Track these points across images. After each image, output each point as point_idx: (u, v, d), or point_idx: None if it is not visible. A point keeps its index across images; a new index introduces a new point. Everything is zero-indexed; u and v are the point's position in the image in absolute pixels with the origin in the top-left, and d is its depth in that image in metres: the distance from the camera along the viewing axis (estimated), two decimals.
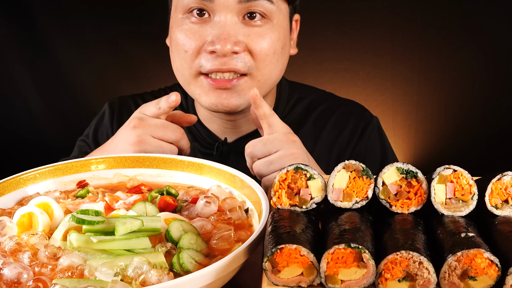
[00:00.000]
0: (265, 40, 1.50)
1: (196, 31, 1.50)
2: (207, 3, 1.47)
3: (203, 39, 1.49)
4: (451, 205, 0.98)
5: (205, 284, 0.88)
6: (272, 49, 1.51)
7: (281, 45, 1.54)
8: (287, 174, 1.02)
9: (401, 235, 0.90)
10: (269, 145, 1.31)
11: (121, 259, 0.93)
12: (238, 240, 1.05)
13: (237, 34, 1.47)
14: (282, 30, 1.55)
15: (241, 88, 1.52)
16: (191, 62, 1.51)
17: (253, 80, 1.52)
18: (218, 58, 1.47)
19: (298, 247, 0.88)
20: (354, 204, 1.00)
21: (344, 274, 0.88)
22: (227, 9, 1.46)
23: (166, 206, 1.15)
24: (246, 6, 1.47)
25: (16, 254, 0.99)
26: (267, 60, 1.52)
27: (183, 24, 1.52)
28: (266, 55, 1.51)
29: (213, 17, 1.49)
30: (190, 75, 1.54)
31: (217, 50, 1.46)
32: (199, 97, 1.56)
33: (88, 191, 1.25)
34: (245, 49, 1.48)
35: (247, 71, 1.50)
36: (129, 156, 1.37)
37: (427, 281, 0.86)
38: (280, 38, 1.53)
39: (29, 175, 1.28)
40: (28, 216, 1.10)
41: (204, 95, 1.54)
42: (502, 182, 0.98)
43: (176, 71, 1.59)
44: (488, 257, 0.85)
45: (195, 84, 1.55)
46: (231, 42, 1.45)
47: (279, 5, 1.52)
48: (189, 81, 1.55)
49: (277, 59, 1.54)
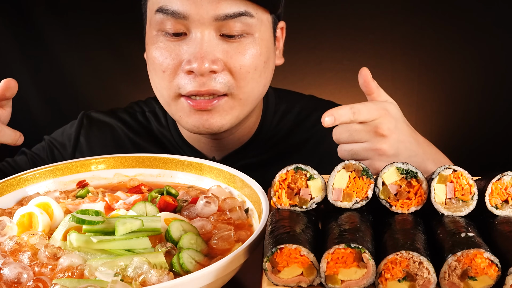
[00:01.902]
0: (245, 57, 1.39)
1: (172, 49, 1.40)
2: (181, 20, 1.36)
3: (179, 58, 1.39)
4: (451, 205, 0.98)
5: (205, 284, 0.88)
6: (253, 65, 1.41)
7: (264, 59, 1.44)
8: (287, 174, 1.02)
9: (401, 235, 0.90)
10: (355, 135, 1.22)
11: (121, 259, 0.93)
12: (238, 240, 1.05)
13: (214, 51, 1.37)
14: (265, 43, 1.44)
15: (222, 108, 1.43)
16: (169, 82, 1.42)
17: (234, 99, 1.43)
18: (196, 78, 1.37)
19: (298, 247, 0.88)
20: (354, 204, 1.00)
21: (344, 274, 0.88)
22: (203, 25, 1.35)
23: (166, 206, 1.15)
24: (223, 23, 1.36)
25: (16, 254, 0.99)
26: (248, 77, 1.41)
27: (158, 41, 1.42)
28: (247, 72, 1.40)
29: (189, 34, 1.38)
30: (169, 96, 1.44)
31: (194, 70, 1.36)
32: (180, 119, 1.47)
33: (88, 191, 1.25)
34: (223, 67, 1.39)
35: (227, 91, 1.41)
36: (129, 156, 1.37)
37: (427, 281, 0.86)
38: (263, 52, 1.43)
39: (29, 175, 1.28)
40: (28, 216, 1.10)
41: (185, 117, 1.45)
42: (502, 182, 0.98)
43: (156, 91, 1.50)
44: (488, 257, 0.85)
45: (175, 105, 1.45)
46: (208, 60, 1.35)
47: (259, 17, 1.41)
48: (169, 102, 1.46)
49: (259, 75, 1.44)
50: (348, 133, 1.23)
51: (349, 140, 1.24)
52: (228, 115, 1.44)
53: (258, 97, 1.50)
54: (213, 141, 1.61)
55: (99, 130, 1.70)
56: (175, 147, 1.66)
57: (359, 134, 1.23)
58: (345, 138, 1.24)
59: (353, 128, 1.23)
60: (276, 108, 1.68)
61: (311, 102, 1.74)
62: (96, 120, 1.73)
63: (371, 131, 1.22)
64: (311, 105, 1.71)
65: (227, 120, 1.45)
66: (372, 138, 1.23)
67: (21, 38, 2.79)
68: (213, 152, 1.63)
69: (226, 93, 1.41)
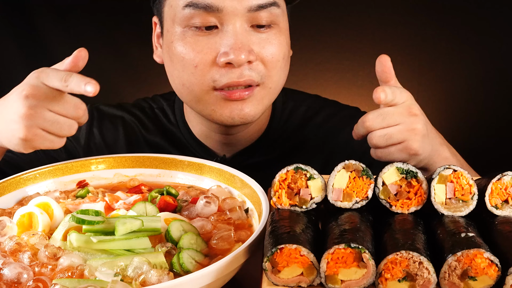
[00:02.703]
0: (274, 46, 1.42)
1: (204, 43, 1.38)
2: (214, 13, 1.36)
3: (213, 52, 1.38)
4: (451, 205, 0.98)
5: (205, 284, 0.88)
6: (281, 54, 1.44)
7: (288, 48, 1.49)
8: (287, 174, 1.02)
9: (401, 235, 0.90)
10: (389, 119, 1.23)
11: (121, 259, 0.93)
12: (238, 240, 1.05)
13: (249, 42, 1.38)
14: (287, 33, 1.49)
15: (255, 98, 1.43)
16: (202, 77, 1.40)
17: (265, 89, 1.44)
18: (233, 69, 1.37)
19: (298, 247, 0.88)
20: (354, 204, 1.00)
21: (344, 274, 0.88)
22: (236, 17, 1.36)
23: (166, 206, 1.15)
24: (255, 14, 1.38)
25: (16, 254, 0.99)
26: (278, 66, 1.44)
27: (186, 36, 1.40)
28: (277, 61, 1.43)
29: (221, 27, 1.38)
30: (201, 90, 1.42)
31: (232, 61, 1.35)
32: (213, 113, 1.45)
33: (88, 191, 1.25)
34: (257, 57, 1.40)
35: (259, 81, 1.42)
36: (129, 156, 1.37)
37: (427, 281, 0.86)
38: (287, 41, 1.48)
39: (29, 175, 1.28)
40: (28, 216, 1.10)
41: (219, 109, 1.43)
42: (502, 182, 0.98)
43: (182, 88, 1.46)
44: (488, 257, 0.85)
45: (207, 99, 1.43)
46: (245, 51, 1.35)
47: (283, 7, 1.46)
48: (200, 97, 1.44)
49: (285, 64, 1.48)
50: (381, 117, 1.23)
51: (383, 125, 1.24)
52: (260, 104, 1.45)
53: (281, 86, 1.52)
54: (225, 137, 1.60)
55: (111, 123, 1.69)
56: (184, 144, 1.65)
57: (393, 116, 1.23)
58: (379, 123, 1.24)
59: (385, 112, 1.23)
60: (284, 106, 1.69)
61: (317, 101, 1.75)
62: (106, 113, 1.72)
63: (404, 112, 1.24)
64: (317, 104, 1.73)
65: (260, 110, 1.46)
66: (405, 119, 1.23)
67: (21, 39, 2.79)
68: (223, 149, 1.63)
69: (259, 83, 1.43)
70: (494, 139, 2.80)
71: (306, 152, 1.64)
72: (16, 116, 1.17)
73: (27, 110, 1.15)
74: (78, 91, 1.15)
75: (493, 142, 2.80)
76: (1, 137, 1.22)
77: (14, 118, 1.17)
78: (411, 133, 1.23)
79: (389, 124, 1.23)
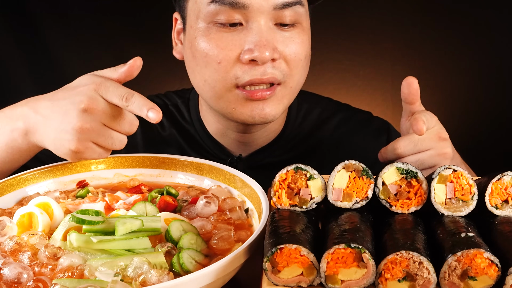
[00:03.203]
0: (298, 45, 1.42)
1: (229, 40, 1.38)
2: (240, 9, 1.35)
3: (237, 48, 1.37)
4: (451, 205, 0.98)
5: (205, 284, 0.88)
6: (304, 53, 1.43)
7: (309, 48, 1.49)
8: (287, 174, 1.02)
9: (401, 235, 0.91)
10: (419, 145, 1.26)
11: (121, 259, 0.93)
12: (238, 240, 1.05)
13: (273, 40, 1.37)
14: (309, 33, 1.48)
15: (276, 97, 1.43)
16: (225, 73, 1.39)
17: (286, 88, 1.44)
18: (256, 67, 1.37)
19: (298, 247, 0.88)
20: (354, 204, 1.00)
21: (344, 274, 0.88)
22: (262, 14, 1.36)
23: (166, 206, 1.15)
24: (280, 12, 1.37)
25: (16, 254, 0.99)
26: (300, 65, 1.44)
27: (210, 33, 1.39)
28: (299, 60, 1.43)
29: (246, 24, 1.37)
30: (224, 88, 1.41)
31: (257, 58, 1.34)
32: (234, 111, 1.44)
33: (88, 191, 1.25)
34: (280, 55, 1.40)
35: (281, 80, 1.42)
36: (129, 156, 1.37)
37: (427, 281, 0.86)
38: (309, 40, 1.48)
39: (29, 175, 1.28)
40: (28, 216, 1.10)
41: (240, 108, 1.42)
42: (502, 182, 0.98)
43: (204, 85, 1.45)
44: (488, 257, 0.85)
45: (229, 97, 1.42)
46: (269, 49, 1.35)
47: (306, 7, 1.46)
48: (222, 94, 1.43)
49: (307, 63, 1.49)
50: (412, 144, 1.26)
51: (415, 150, 1.27)
52: (280, 104, 1.45)
53: (301, 86, 1.52)
54: (241, 136, 1.59)
55: None
56: (199, 142, 1.64)
57: (423, 142, 1.26)
58: (410, 150, 1.27)
59: (416, 139, 1.26)
60: (299, 108, 1.69)
61: (331, 104, 1.76)
62: None
63: (434, 138, 1.28)
64: (331, 107, 1.73)
65: (280, 109, 1.46)
66: (436, 144, 1.27)
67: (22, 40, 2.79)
68: (239, 148, 1.62)
69: (281, 81, 1.42)
70: (494, 139, 2.80)
71: (320, 154, 1.64)
72: (70, 127, 1.16)
73: (83, 124, 1.15)
74: (138, 114, 1.14)
75: (493, 142, 2.80)
76: (48, 143, 1.21)
77: (67, 129, 1.16)
78: (442, 157, 1.27)
79: (420, 150, 1.26)
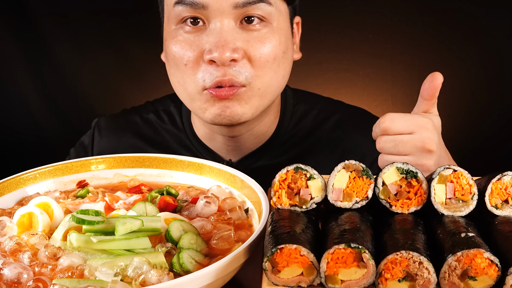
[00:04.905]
0: (265, 45, 1.39)
1: (192, 41, 1.39)
2: (200, 10, 1.36)
3: (200, 49, 1.39)
4: (451, 205, 0.98)
5: (205, 284, 0.88)
6: (272, 54, 1.40)
7: (283, 49, 1.43)
8: (287, 174, 1.02)
9: (401, 235, 0.90)
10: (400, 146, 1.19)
11: (121, 259, 0.93)
12: (238, 240, 1.05)
13: (235, 40, 1.36)
14: (283, 33, 1.44)
15: (241, 97, 1.42)
16: (193, 76, 1.41)
17: (253, 90, 1.42)
18: (218, 68, 1.36)
19: (298, 247, 0.88)
20: (354, 204, 1.00)
21: (344, 274, 0.88)
22: (222, 14, 1.35)
23: (166, 206, 1.15)
24: (242, 11, 1.36)
25: (16, 254, 0.99)
26: (267, 67, 1.41)
27: (177, 35, 1.41)
28: (266, 61, 1.40)
29: (208, 24, 1.38)
30: (194, 89, 1.42)
31: (215, 59, 1.35)
32: (205, 111, 1.45)
33: (88, 191, 1.25)
34: (243, 56, 1.38)
35: (245, 82, 1.40)
36: (129, 156, 1.37)
37: (427, 281, 0.86)
38: (282, 42, 1.43)
39: (29, 175, 1.28)
40: (28, 216, 1.10)
41: (209, 108, 1.43)
42: (502, 182, 0.98)
43: (178, 87, 1.47)
44: (488, 257, 0.85)
45: (200, 98, 1.43)
46: (229, 49, 1.34)
47: (277, 6, 1.41)
48: (193, 96, 1.44)
49: (277, 65, 1.43)
50: (393, 143, 1.19)
51: (393, 151, 1.20)
52: (247, 104, 1.43)
53: (276, 88, 1.49)
54: (230, 140, 1.58)
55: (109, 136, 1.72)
56: (190, 148, 1.64)
57: (405, 145, 1.19)
58: (389, 148, 1.20)
59: (399, 139, 1.19)
60: (295, 110, 1.67)
61: (329, 105, 1.72)
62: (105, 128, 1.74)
63: (418, 145, 1.19)
64: (329, 108, 1.70)
65: (247, 109, 1.44)
66: (417, 152, 1.19)
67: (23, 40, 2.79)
68: (229, 153, 1.61)
69: (244, 84, 1.40)
70: (494, 139, 2.80)
71: (316, 156, 1.62)
72: None
73: None
74: None
75: (493, 142, 2.80)
76: None
77: None
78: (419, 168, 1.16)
79: (399, 152, 1.20)
